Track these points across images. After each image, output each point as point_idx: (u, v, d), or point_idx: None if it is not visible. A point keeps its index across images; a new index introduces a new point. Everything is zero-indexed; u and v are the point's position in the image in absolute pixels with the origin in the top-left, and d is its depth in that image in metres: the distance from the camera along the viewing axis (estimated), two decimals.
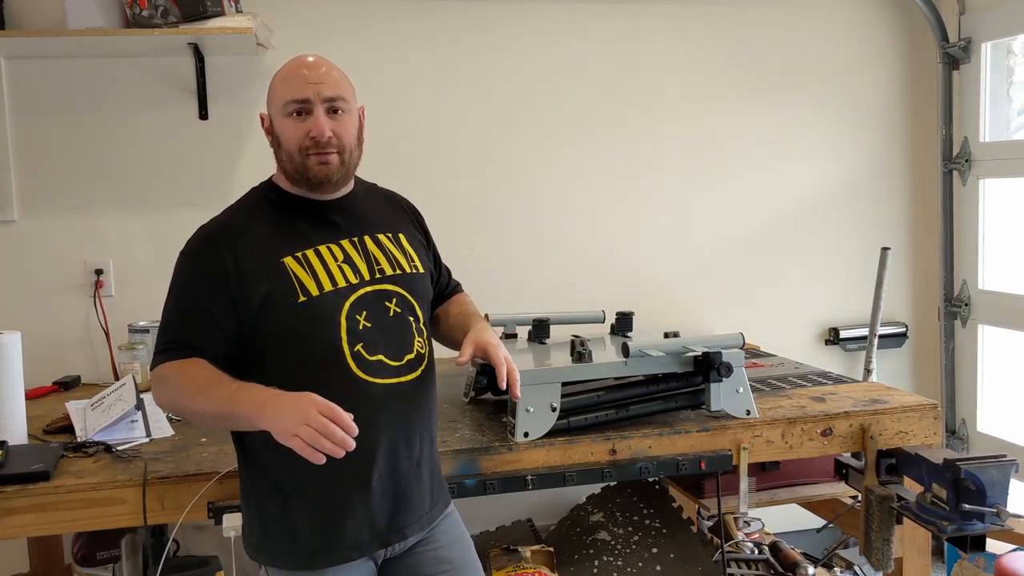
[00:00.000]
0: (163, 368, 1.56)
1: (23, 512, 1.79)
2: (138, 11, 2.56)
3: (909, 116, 3.43)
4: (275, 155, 1.64)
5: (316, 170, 1.58)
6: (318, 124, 1.56)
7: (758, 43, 3.28)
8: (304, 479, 1.56)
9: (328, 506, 1.58)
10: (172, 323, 1.58)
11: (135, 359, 2.63)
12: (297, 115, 1.57)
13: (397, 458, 1.62)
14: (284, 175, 1.64)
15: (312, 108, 1.57)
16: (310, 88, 1.56)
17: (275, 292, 1.55)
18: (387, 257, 1.67)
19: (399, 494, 1.63)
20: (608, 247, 3.20)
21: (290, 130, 1.58)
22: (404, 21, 3.00)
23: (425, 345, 1.68)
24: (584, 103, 3.15)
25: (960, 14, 3.25)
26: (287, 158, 1.60)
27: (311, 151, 1.57)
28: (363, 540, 1.60)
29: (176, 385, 1.54)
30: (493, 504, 2.38)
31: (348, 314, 1.58)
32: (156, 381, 1.58)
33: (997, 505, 1.99)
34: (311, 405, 1.40)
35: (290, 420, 1.39)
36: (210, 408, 1.51)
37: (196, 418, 1.58)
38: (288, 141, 1.58)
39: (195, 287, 1.57)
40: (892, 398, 2.36)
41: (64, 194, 2.81)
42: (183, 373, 1.53)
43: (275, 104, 1.60)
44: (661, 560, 2.36)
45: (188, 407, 1.55)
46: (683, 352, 2.12)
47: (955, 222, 3.33)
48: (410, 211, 1.84)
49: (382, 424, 1.58)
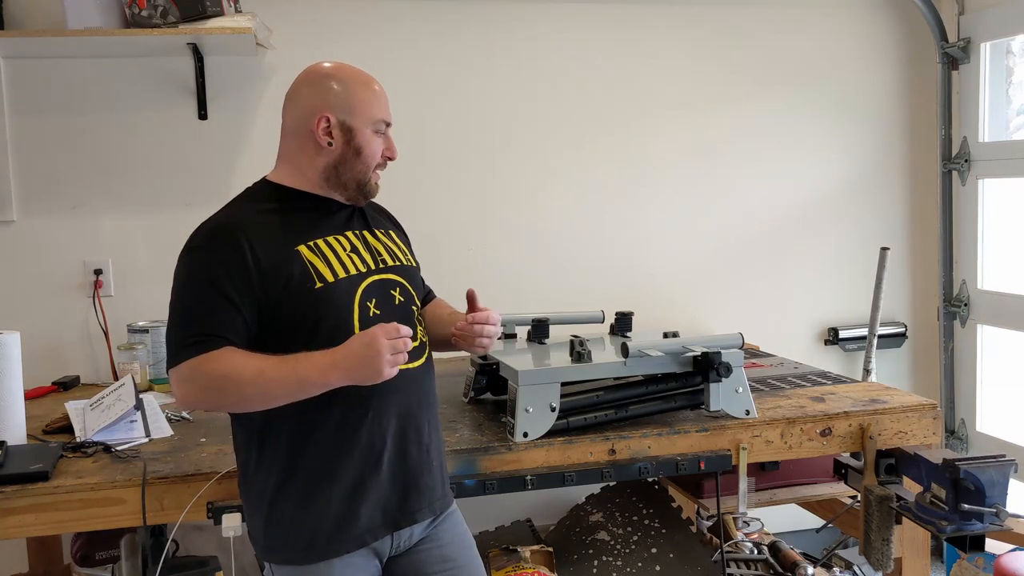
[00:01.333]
0: (193, 363, 1.51)
1: (22, 512, 1.79)
2: (137, 11, 2.56)
3: (908, 116, 3.43)
4: (331, 158, 1.64)
5: (375, 187, 1.70)
6: (393, 146, 1.71)
7: (758, 44, 3.28)
8: (316, 466, 1.59)
9: (341, 492, 1.59)
10: (193, 317, 1.55)
11: (134, 359, 2.63)
12: (379, 133, 1.68)
13: (407, 442, 1.65)
14: (327, 177, 1.65)
15: (387, 131, 1.70)
16: (389, 112, 1.70)
17: (294, 279, 1.57)
18: (387, 250, 1.73)
19: (409, 478, 1.66)
20: (607, 247, 3.20)
21: (376, 145, 1.67)
22: (403, 22, 3.00)
23: (425, 334, 1.75)
24: (584, 104, 3.15)
25: (959, 14, 3.25)
26: (361, 169, 1.66)
27: (378, 167, 1.69)
28: (375, 524, 1.62)
29: (221, 375, 1.51)
30: (492, 504, 2.38)
31: (360, 301, 1.62)
32: (184, 379, 1.53)
33: (996, 505, 1.99)
34: (376, 340, 1.50)
35: (369, 357, 1.49)
36: (275, 387, 1.51)
37: (248, 403, 1.55)
38: (370, 155, 1.66)
39: (216, 278, 1.54)
40: (891, 398, 2.36)
41: (63, 194, 2.81)
42: (226, 362, 1.51)
43: (363, 116, 1.65)
44: (660, 560, 2.36)
45: (241, 392, 1.52)
46: (682, 352, 2.12)
47: (954, 222, 3.33)
48: (391, 216, 1.89)
49: (393, 408, 1.62)
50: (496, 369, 2.32)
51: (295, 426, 1.58)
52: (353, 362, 1.50)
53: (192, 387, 1.53)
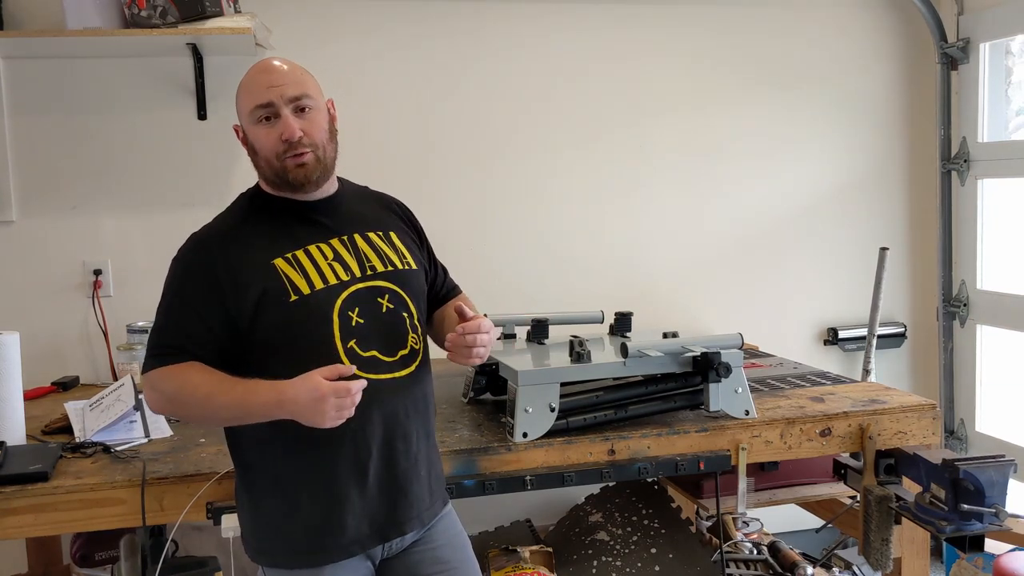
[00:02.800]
0: (158, 373, 1.56)
1: (22, 513, 1.79)
2: (136, 11, 2.56)
3: (907, 116, 3.43)
4: (254, 163, 1.65)
5: (295, 172, 1.59)
6: (288, 125, 1.57)
7: (757, 44, 3.28)
8: (301, 475, 1.58)
9: (326, 501, 1.59)
10: (164, 328, 1.59)
11: (133, 359, 2.63)
12: (266, 120, 1.59)
13: (394, 453, 1.63)
14: (265, 181, 1.65)
15: (279, 111, 1.58)
16: (273, 91, 1.58)
17: (267, 293, 1.56)
18: (378, 254, 1.68)
19: (396, 489, 1.63)
20: (607, 247, 3.20)
21: (263, 137, 1.59)
22: (403, 23, 2.99)
23: (420, 341, 1.69)
24: (583, 104, 3.15)
25: (958, 14, 3.25)
26: (265, 164, 1.61)
27: (286, 154, 1.58)
28: (362, 535, 1.61)
29: (177, 390, 1.55)
30: (492, 504, 2.38)
31: (340, 310, 1.59)
32: (150, 386, 1.58)
33: (995, 505, 1.99)
34: (323, 399, 1.46)
35: (314, 410, 1.47)
36: (222, 412, 1.53)
37: (200, 420, 1.59)
38: (263, 148, 1.60)
39: (187, 292, 1.58)
40: (891, 398, 2.36)
41: (63, 194, 2.81)
42: (183, 378, 1.54)
43: (243, 113, 1.63)
44: (660, 560, 2.36)
45: (192, 410, 1.56)
46: (682, 352, 2.12)
47: (953, 222, 3.33)
48: (401, 210, 1.84)
49: (377, 419, 1.59)
50: (496, 369, 2.32)
51: (279, 434, 1.56)
52: (298, 407, 1.48)
53: (154, 396, 1.59)
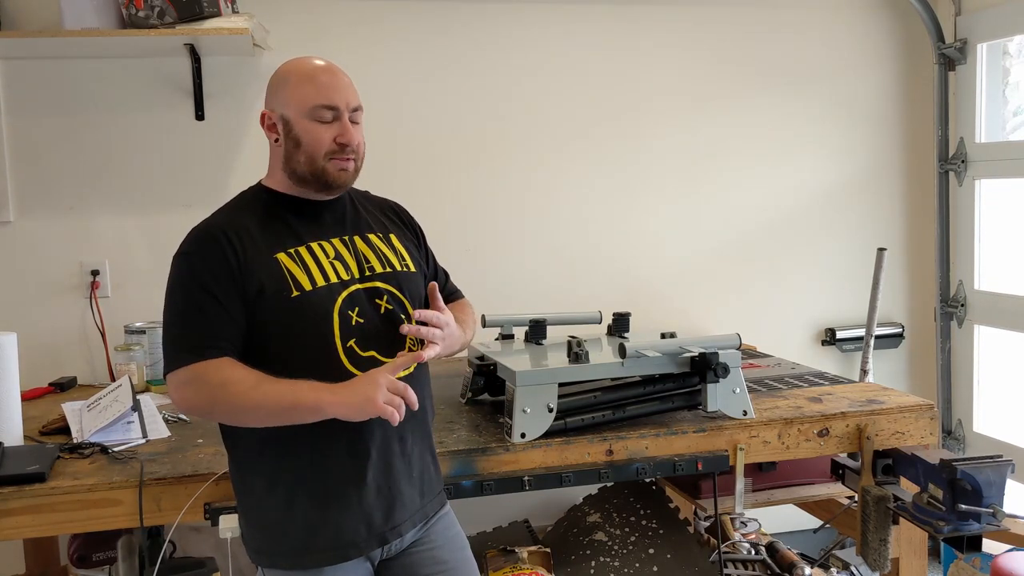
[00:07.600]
0: (196, 368, 1.51)
1: (19, 513, 1.78)
2: (134, 12, 2.55)
3: (905, 117, 3.43)
4: (282, 153, 1.63)
5: (336, 175, 1.62)
6: (349, 132, 1.61)
7: (754, 45, 3.28)
8: (299, 478, 1.58)
9: (324, 504, 1.58)
10: (191, 322, 1.54)
11: (131, 360, 2.63)
12: (323, 120, 1.60)
13: (391, 455, 1.63)
14: (289, 174, 1.63)
15: (340, 115, 1.61)
16: (339, 96, 1.61)
17: (269, 287, 1.56)
18: (377, 256, 1.68)
19: (393, 491, 1.63)
20: (605, 247, 3.20)
21: (319, 133, 1.60)
22: (399, 22, 2.99)
23: (417, 343, 1.68)
24: (581, 104, 3.15)
25: (956, 15, 3.26)
26: (306, 160, 1.60)
27: (335, 155, 1.60)
28: (360, 538, 1.60)
29: (219, 385, 1.50)
30: (490, 505, 2.37)
31: (340, 310, 1.59)
32: (186, 383, 1.52)
33: (993, 505, 2.00)
34: (373, 375, 1.49)
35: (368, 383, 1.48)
36: (269, 404, 1.49)
37: (242, 414, 1.53)
38: (312, 143, 1.60)
39: (207, 283, 1.55)
40: (888, 399, 2.36)
41: (60, 195, 2.81)
42: (224, 373, 1.50)
43: (297, 106, 1.60)
44: (658, 561, 2.36)
45: (237, 401, 1.50)
46: (680, 353, 2.12)
47: (951, 223, 3.33)
48: (402, 214, 1.84)
49: (375, 421, 1.58)
50: (493, 370, 2.31)
51: (276, 436, 1.55)
52: (350, 386, 1.49)
53: (191, 391, 1.53)
